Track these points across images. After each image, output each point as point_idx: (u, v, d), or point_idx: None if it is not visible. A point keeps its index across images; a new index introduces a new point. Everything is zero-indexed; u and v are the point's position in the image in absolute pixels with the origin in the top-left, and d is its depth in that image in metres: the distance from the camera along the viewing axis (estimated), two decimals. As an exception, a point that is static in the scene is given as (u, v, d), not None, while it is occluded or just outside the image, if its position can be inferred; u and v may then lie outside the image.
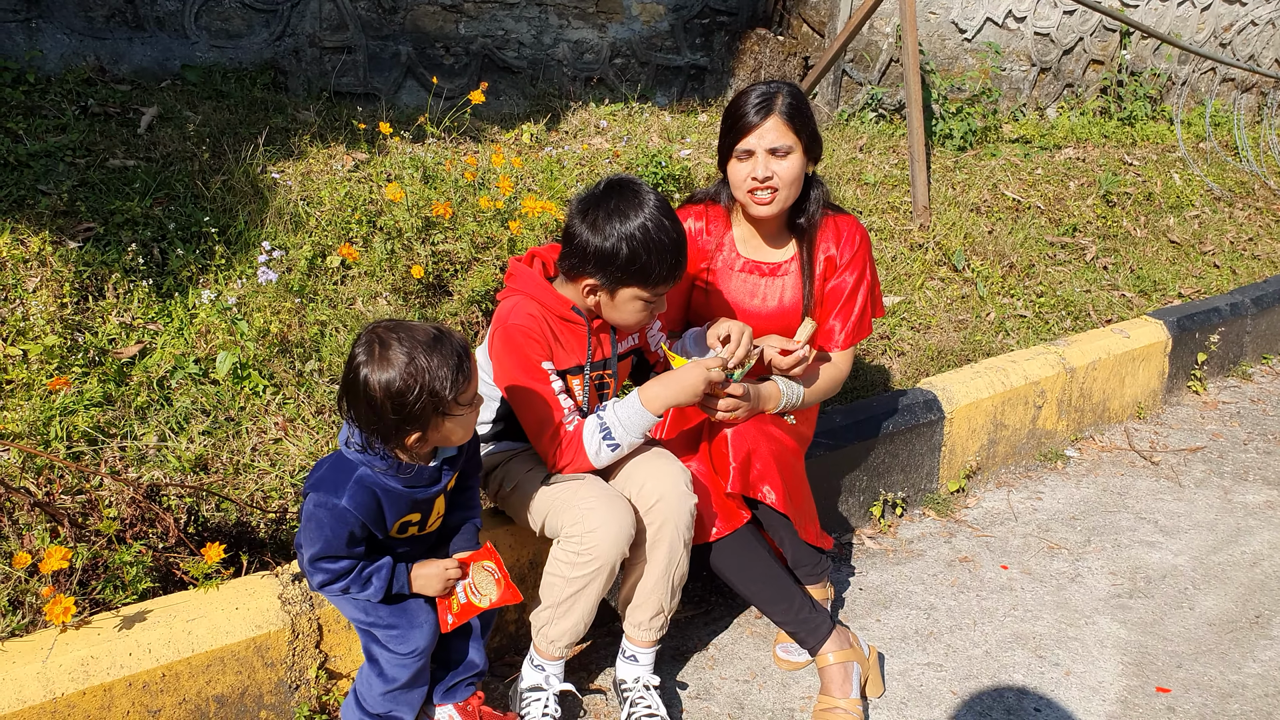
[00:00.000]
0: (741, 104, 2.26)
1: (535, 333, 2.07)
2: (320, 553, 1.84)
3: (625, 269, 2.02)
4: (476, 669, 2.05)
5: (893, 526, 3.13)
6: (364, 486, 1.83)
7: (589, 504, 2.00)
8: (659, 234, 2.01)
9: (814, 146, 2.30)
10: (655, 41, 5.47)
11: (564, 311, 2.10)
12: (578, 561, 1.99)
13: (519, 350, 2.06)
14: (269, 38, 4.35)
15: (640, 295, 2.06)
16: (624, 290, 2.05)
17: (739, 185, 2.30)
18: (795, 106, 2.25)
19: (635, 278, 2.03)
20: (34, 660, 1.81)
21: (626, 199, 2.03)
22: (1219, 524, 3.24)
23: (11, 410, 2.33)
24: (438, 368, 1.75)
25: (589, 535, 1.97)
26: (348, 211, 3.21)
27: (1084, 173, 5.45)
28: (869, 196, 4.53)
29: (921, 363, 3.55)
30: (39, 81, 3.72)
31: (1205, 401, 4.25)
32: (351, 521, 1.83)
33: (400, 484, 1.85)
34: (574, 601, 2.03)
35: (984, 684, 2.40)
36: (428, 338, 1.78)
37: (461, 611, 1.94)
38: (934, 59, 5.81)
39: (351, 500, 1.82)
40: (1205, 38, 7.32)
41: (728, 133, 2.30)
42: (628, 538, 2.00)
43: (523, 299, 2.10)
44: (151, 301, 2.78)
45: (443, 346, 1.78)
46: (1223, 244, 5.23)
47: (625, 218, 2.01)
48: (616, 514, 1.99)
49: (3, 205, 2.90)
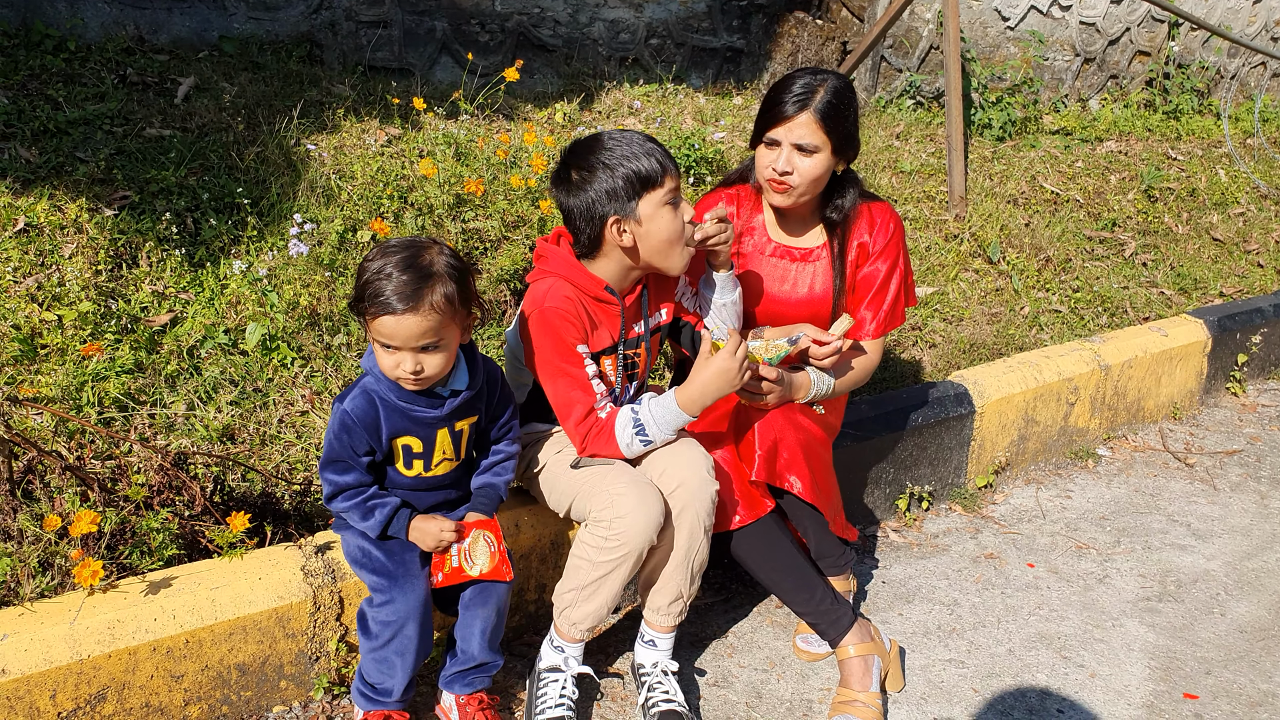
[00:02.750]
0: (782, 90, 2.20)
1: (572, 315, 2.05)
2: (326, 457, 1.90)
3: (629, 181, 1.99)
4: (475, 661, 2.02)
5: (918, 520, 3.09)
6: (366, 394, 1.88)
7: (619, 489, 1.99)
8: (624, 137, 2.02)
9: (846, 148, 2.24)
10: (692, 22, 5.42)
11: (598, 291, 2.09)
12: (605, 546, 1.98)
13: (555, 333, 2.05)
14: (306, 10, 4.34)
15: (658, 199, 2.02)
16: (642, 205, 2.02)
17: (761, 170, 2.27)
18: (833, 106, 2.17)
19: (642, 183, 2.00)
20: (62, 622, 1.83)
21: (577, 151, 2.06)
22: (1254, 529, 3.17)
23: (46, 374, 2.36)
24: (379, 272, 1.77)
25: (619, 521, 1.96)
26: (379, 186, 3.21)
27: (1126, 167, 5.34)
28: (904, 185, 4.47)
29: (953, 355, 3.50)
30: (79, 50, 3.74)
31: (1244, 404, 4.16)
32: (351, 426, 1.87)
33: (397, 397, 1.88)
34: (599, 585, 2.02)
35: (1006, 683, 2.37)
36: (402, 249, 1.80)
37: (451, 574, 1.93)
38: (975, 47, 5.70)
39: (352, 404, 1.87)
40: (1257, 31, 7.14)
41: (763, 115, 2.25)
42: (657, 526, 1.99)
43: (557, 281, 2.08)
44: (184, 271, 2.80)
45: (401, 261, 1.78)
46: (1268, 243, 5.11)
47: (590, 153, 2.02)
48: (648, 502, 1.98)
49: (42, 172, 2.93)
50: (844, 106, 2.19)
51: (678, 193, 2.06)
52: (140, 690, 1.90)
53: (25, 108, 3.22)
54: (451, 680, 2.04)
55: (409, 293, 1.75)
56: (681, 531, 2.06)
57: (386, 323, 1.77)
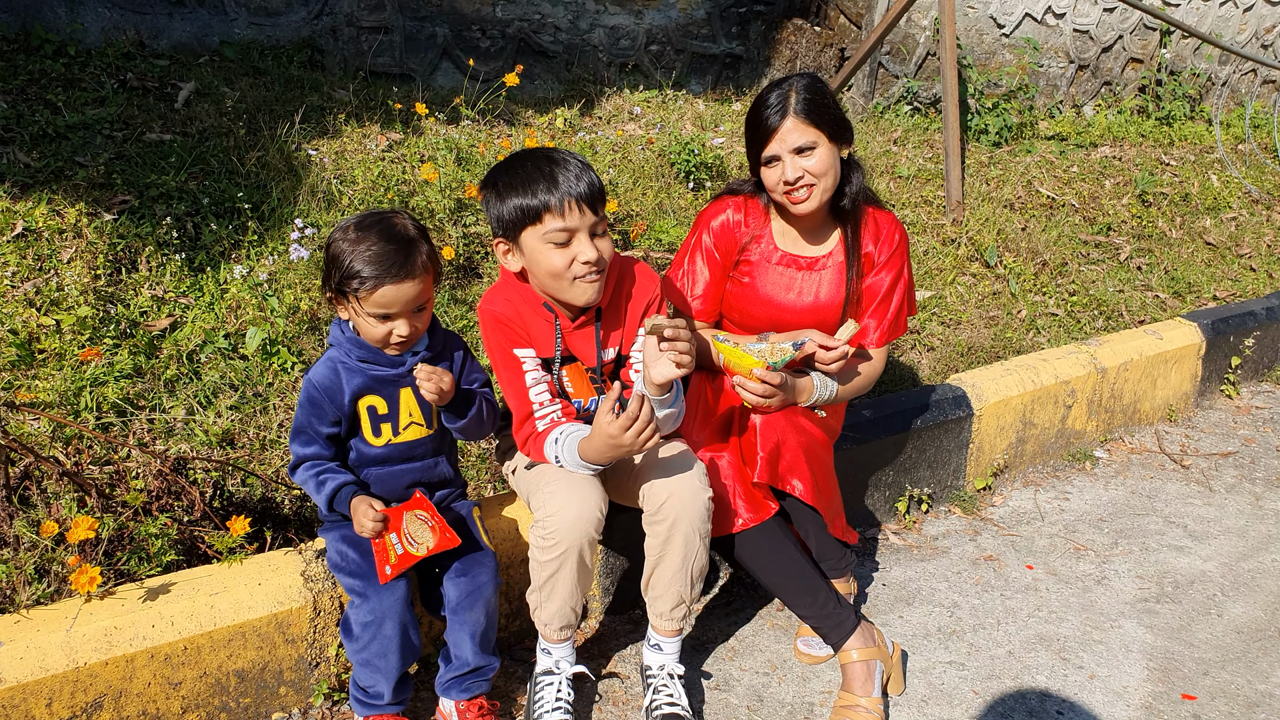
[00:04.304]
0: (759, 110, 2.22)
1: (505, 317, 2.07)
2: (293, 428, 1.97)
3: (515, 210, 1.96)
4: (469, 666, 2.01)
5: (918, 523, 3.10)
6: (329, 362, 1.96)
7: (551, 488, 1.99)
8: (536, 165, 1.97)
9: (841, 132, 2.25)
10: (691, 29, 5.43)
11: (536, 304, 2.10)
12: (544, 545, 1.98)
13: (490, 332, 2.09)
14: (307, 16, 4.35)
15: (538, 234, 1.95)
16: (525, 236, 1.99)
17: (774, 190, 2.27)
18: (810, 101, 2.18)
19: (524, 216, 1.96)
20: (59, 629, 1.82)
21: (496, 167, 2.05)
22: (1250, 530, 3.18)
23: (43, 379, 2.36)
24: (357, 247, 1.83)
25: (549, 519, 1.96)
26: (380, 191, 3.22)
27: (1120, 172, 5.37)
28: (902, 190, 4.48)
29: (951, 359, 3.51)
30: (79, 54, 3.74)
31: (1238, 406, 4.18)
32: (315, 397, 1.93)
33: (357, 358, 1.94)
34: (552, 585, 2.02)
35: (1006, 685, 2.38)
36: (375, 223, 1.87)
37: (399, 561, 1.90)
38: (971, 53, 5.73)
39: (315, 373, 1.95)
40: (1247, 38, 7.18)
41: (751, 141, 2.27)
42: (591, 521, 1.96)
43: (501, 284, 2.13)
44: (183, 275, 2.79)
45: (381, 234, 1.85)
46: (1260, 247, 5.14)
47: (498, 175, 2.02)
48: (577, 497, 1.96)
49: (41, 176, 2.93)
50: (821, 97, 2.21)
51: (574, 232, 1.96)
52: (138, 698, 1.89)
53: (24, 112, 3.22)
54: (448, 686, 2.03)
55: (402, 260, 1.84)
56: (677, 541, 2.06)
57: (387, 293, 1.84)
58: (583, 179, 1.96)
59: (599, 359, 2.15)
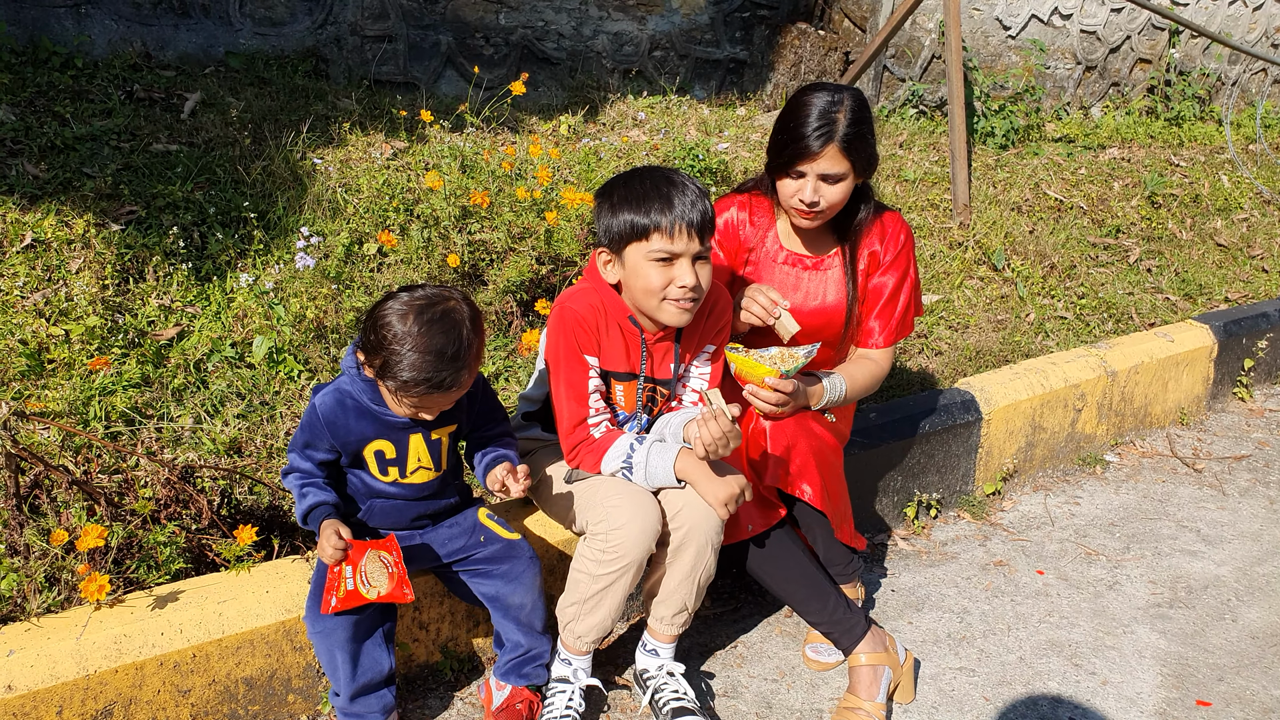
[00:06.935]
0: (803, 122, 2.15)
1: (586, 322, 2.06)
2: (293, 443, 1.94)
3: (624, 224, 1.97)
4: (522, 648, 2.06)
5: (926, 528, 3.08)
6: (338, 394, 1.90)
7: (614, 501, 1.99)
8: (656, 185, 1.98)
9: (868, 169, 2.24)
10: (694, 34, 5.44)
11: (621, 317, 2.10)
12: (604, 559, 1.98)
13: (566, 332, 2.07)
14: (311, 25, 4.37)
15: (643, 251, 1.98)
16: (629, 251, 2.00)
17: (786, 199, 2.26)
18: (854, 133, 2.14)
19: (632, 231, 1.97)
20: (69, 637, 1.83)
21: (614, 180, 2.06)
22: (1264, 534, 3.16)
23: (52, 389, 2.36)
24: (412, 349, 1.73)
25: (615, 533, 1.96)
26: (385, 199, 3.22)
27: (1129, 173, 5.34)
28: (909, 193, 4.47)
29: (959, 362, 3.50)
30: (86, 66, 3.77)
31: (1251, 409, 4.15)
32: (317, 422, 1.89)
33: (369, 400, 1.89)
34: (600, 598, 2.02)
35: (1018, 691, 2.36)
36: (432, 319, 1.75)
37: (346, 598, 1.81)
38: (977, 56, 5.72)
39: (322, 402, 1.90)
40: (1257, 38, 7.15)
41: (784, 147, 2.20)
42: (654, 535, 1.99)
43: (589, 289, 2.11)
44: (190, 285, 2.80)
45: (439, 336, 1.75)
46: (1272, 248, 5.10)
47: (614, 186, 2.03)
48: (642, 512, 1.98)
49: (49, 187, 2.94)
50: (865, 129, 2.17)
51: (678, 255, 1.97)
52: (147, 706, 1.89)
53: (33, 124, 3.24)
54: (507, 671, 2.08)
55: (452, 376, 1.77)
56: (687, 549, 2.05)
57: (427, 401, 1.81)
58: (697, 206, 1.98)
59: (675, 374, 2.18)
